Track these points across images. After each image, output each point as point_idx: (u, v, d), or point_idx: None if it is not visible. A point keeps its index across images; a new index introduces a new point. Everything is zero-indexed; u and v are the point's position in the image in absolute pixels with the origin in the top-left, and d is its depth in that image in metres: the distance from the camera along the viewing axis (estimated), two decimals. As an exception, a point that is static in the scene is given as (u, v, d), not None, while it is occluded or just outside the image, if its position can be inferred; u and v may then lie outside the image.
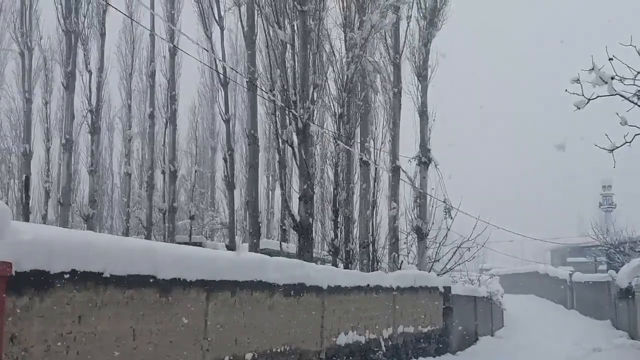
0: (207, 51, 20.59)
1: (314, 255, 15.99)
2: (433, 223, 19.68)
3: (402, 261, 18.53)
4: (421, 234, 19.21)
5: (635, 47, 8.69)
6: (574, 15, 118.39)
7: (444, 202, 18.96)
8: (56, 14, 22.27)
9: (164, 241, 23.19)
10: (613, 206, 60.65)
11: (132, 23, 28.15)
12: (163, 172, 26.61)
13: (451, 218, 19.24)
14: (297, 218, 14.34)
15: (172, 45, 23.03)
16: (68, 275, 4.95)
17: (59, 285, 4.88)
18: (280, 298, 8.59)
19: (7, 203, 31.38)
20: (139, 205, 30.37)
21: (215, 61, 22.31)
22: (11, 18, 26.94)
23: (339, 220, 17.15)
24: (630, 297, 20.66)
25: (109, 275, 5.40)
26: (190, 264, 6.64)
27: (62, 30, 22.51)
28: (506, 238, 29.63)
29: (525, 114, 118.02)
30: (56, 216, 25.67)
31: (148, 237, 25.36)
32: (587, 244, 40.90)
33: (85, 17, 22.64)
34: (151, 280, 5.95)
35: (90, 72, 23.91)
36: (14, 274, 4.46)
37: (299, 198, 14.64)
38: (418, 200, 19.38)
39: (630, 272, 20.76)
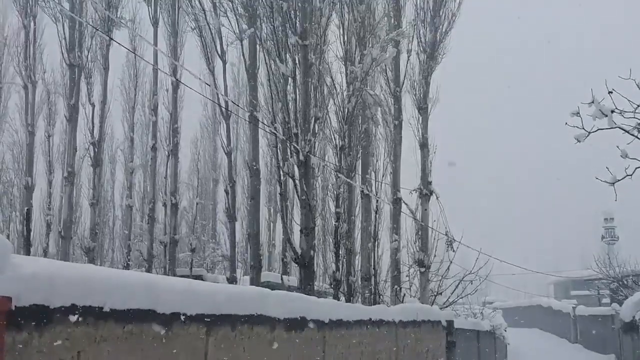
0: (209, 86, 20.75)
1: (316, 288, 15.90)
2: (435, 255, 19.60)
3: (404, 294, 18.41)
4: (423, 267, 19.12)
5: (634, 80, 8.75)
6: (585, 49, 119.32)
7: (446, 234, 18.91)
8: (60, 47, 22.52)
9: (165, 274, 23.09)
10: (615, 239, 60.48)
11: (135, 57, 28.41)
12: (164, 205, 26.60)
13: (453, 251, 19.17)
14: (299, 251, 14.30)
15: (174, 80, 23.21)
16: (68, 310, 4.92)
17: (58, 320, 4.84)
18: (281, 332, 8.51)
19: (8, 236, 31.50)
20: (140, 238, 30.31)
21: (218, 94, 22.49)
22: (15, 52, 27.26)
23: (340, 252, 17.08)
24: (634, 331, 20.46)
25: (109, 310, 5.36)
26: (190, 297, 6.60)
27: (66, 64, 22.73)
28: (509, 271, 29.49)
29: (527, 145, 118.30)
30: (57, 249, 25.63)
31: (149, 270, 25.26)
32: (590, 277, 40.67)
33: (89, 51, 22.89)
34: (151, 315, 5.91)
35: (93, 105, 24.07)
36: (13, 308, 4.43)
37: (300, 230, 14.61)
38: (420, 233, 19.33)
39: (634, 306, 20.58)
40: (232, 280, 21.56)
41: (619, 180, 8.81)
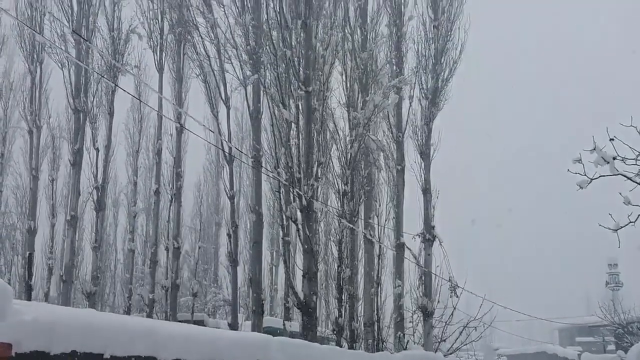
0: (213, 132, 20.90)
1: (318, 334, 15.76)
2: (439, 301, 19.42)
3: (407, 341, 18.21)
4: (427, 313, 18.95)
5: (635, 127, 8.82)
6: (581, 94, 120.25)
7: (449, 280, 18.79)
8: (66, 93, 22.73)
9: (166, 319, 22.90)
10: (620, 285, 59.99)
11: (140, 103, 28.71)
12: (167, 249, 26.53)
13: (457, 297, 19.01)
14: (301, 296, 14.21)
15: (178, 125, 23.40)
16: (68, 357, 4.89)
17: (58, 367, 4.81)
18: (283, 380, 8.42)
19: (9, 280, 31.44)
20: (142, 282, 30.16)
21: (222, 140, 22.64)
22: (21, 97, 27.58)
23: (343, 298, 16.97)
24: (641, 378, 20.15)
25: (109, 357, 5.33)
26: (191, 343, 6.56)
27: (71, 109, 22.93)
28: (513, 317, 29.20)
29: (530, 191, 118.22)
30: (58, 293, 25.49)
31: (150, 315, 25.06)
32: (595, 323, 40.27)
33: (94, 97, 23.09)
34: (152, 362, 5.87)
35: (97, 150, 24.21)
36: (14, 355, 4.42)
37: (303, 275, 14.55)
38: (423, 278, 19.22)
39: (639, 353, 20.34)
40: (233, 325, 21.34)
41: (622, 227, 8.81)
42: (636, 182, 8.92)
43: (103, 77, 22.19)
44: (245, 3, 18.66)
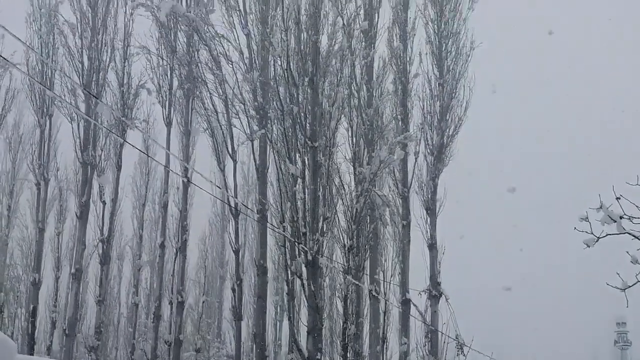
0: (220, 188, 21.00)
1: (322, 392, 15.51)
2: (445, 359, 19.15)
3: (414, 400, 17.89)
4: (433, 371, 18.66)
5: (643, 187, 8.81)
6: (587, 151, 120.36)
7: (456, 338, 18.56)
8: (74, 146, 22.93)
9: (168, 375, 22.56)
10: (628, 344, 59.04)
11: (148, 158, 28.94)
12: (170, 303, 26.32)
13: (464, 355, 18.75)
14: (305, 353, 14.08)
15: (185, 180, 23.54)
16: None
17: None
18: None
19: (13, 333, 31.17)
20: (145, 336, 29.83)
21: (228, 196, 22.71)
22: (30, 149, 27.81)
23: (348, 355, 16.74)
24: None
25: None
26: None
27: (79, 162, 23.11)
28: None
29: (537, 248, 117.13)
30: (61, 346, 25.24)
31: (152, 371, 24.70)
32: (605, 382, 39.46)
33: (102, 150, 23.31)
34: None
35: (104, 203, 24.28)
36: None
37: (307, 332, 14.43)
38: (429, 335, 18.99)
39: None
40: (237, 382, 21.04)
41: (630, 287, 8.72)
42: (643, 241, 8.86)
43: (111, 132, 22.45)
44: (254, 60, 18.98)
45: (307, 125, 15.64)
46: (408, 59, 20.09)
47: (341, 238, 17.71)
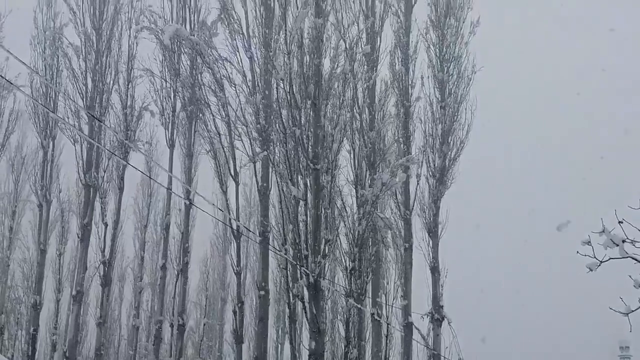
0: (222, 211, 20.99)
1: (324, 417, 15.37)
2: (448, 384, 19.01)
3: None
4: (436, 395, 18.52)
5: (644, 211, 8.80)
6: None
7: (459, 362, 18.45)
8: (77, 167, 23.00)
9: (169, 398, 22.41)
10: (632, 367, 58.50)
11: (150, 180, 28.98)
12: (171, 325, 26.21)
13: (466, 378, 18.62)
14: (307, 377, 13.96)
15: (187, 202, 23.55)
16: None
17: None
18: None
19: (13, 355, 30.99)
20: (145, 359, 29.62)
21: (230, 218, 22.69)
22: (32, 171, 27.89)
23: (350, 379, 16.63)
24: None
25: None
26: None
27: (82, 184, 23.16)
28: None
29: (539, 272, 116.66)
30: (60, 369, 25.07)
31: (152, 394, 24.52)
32: (609, 407, 39.09)
33: (105, 172, 23.37)
34: None
35: (106, 225, 24.26)
36: None
37: (309, 355, 14.34)
38: (432, 359, 18.86)
39: None
40: (237, 406, 20.86)
41: (633, 311, 8.68)
42: (646, 265, 8.84)
43: (114, 154, 22.52)
44: (256, 83, 19.08)
45: (310, 147, 15.67)
46: (410, 82, 20.20)
47: (343, 261, 17.70)
